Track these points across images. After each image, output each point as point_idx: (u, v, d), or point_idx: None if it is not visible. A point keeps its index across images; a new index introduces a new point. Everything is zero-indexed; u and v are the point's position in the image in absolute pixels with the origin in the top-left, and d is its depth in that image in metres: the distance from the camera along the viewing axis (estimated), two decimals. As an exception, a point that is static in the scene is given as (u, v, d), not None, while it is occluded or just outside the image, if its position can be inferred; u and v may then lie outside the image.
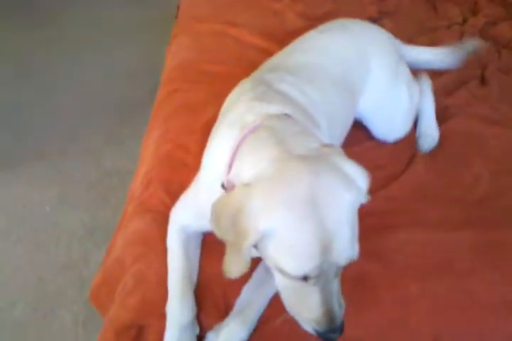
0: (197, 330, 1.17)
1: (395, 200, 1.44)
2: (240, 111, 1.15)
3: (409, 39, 1.98)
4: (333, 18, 1.87)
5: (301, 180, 0.90)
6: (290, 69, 1.41)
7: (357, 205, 0.95)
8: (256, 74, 1.45)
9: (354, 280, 1.22)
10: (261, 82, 1.30)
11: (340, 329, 0.95)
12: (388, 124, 1.66)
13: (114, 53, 3.33)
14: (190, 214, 1.26)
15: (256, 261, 1.16)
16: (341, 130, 1.51)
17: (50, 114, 2.90)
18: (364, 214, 1.34)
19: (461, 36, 2.20)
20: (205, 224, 1.20)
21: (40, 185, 2.43)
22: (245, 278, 1.20)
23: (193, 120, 1.56)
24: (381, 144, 1.66)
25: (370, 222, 1.34)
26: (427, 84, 1.81)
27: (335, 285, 0.95)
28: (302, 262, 0.89)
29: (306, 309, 0.95)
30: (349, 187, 0.93)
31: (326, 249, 0.89)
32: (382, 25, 1.91)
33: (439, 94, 1.87)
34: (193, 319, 1.16)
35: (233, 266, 0.96)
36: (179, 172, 1.37)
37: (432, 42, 2.01)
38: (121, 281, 1.23)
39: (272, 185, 0.91)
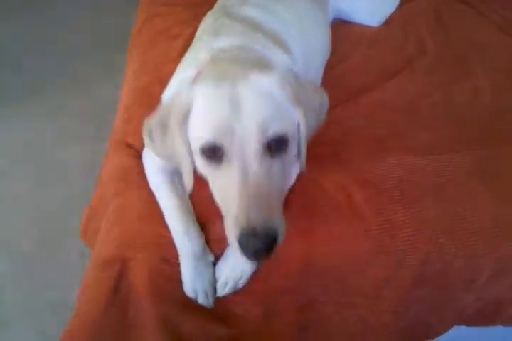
0: (211, 257, 1.17)
1: (385, 123, 1.37)
2: (196, 49, 1.16)
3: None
4: None
5: (225, 71, 0.97)
6: None
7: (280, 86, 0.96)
8: (219, 2, 1.43)
9: (341, 204, 1.20)
10: (223, 13, 1.27)
11: (265, 235, 0.87)
12: (365, 12, 1.73)
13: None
14: None
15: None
16: (324, 38, 1.54)
17: (45, 48, 2.82)
18: (353, 140, 1.33)
19: None
20: None
21: (39, 121, 2.42)
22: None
23: (171, 47, 1.47)
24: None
25: (359, 148, 1.31)
26: None
27: (256, 169, 0.90)
28: (211, 124, 0.91)
29: (230, 202, 0.91)
30: (267, 72, 0.97)
31: (235, 113, 0.90)
32: None
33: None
34: (204, 246, 1.16)
35: (186, 181, 0.99)
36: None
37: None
38: (105, 217, 1.23)
39: (201, 78, 0.99)
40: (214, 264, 1.19)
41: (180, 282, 1.17)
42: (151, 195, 1.20)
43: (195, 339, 1.22)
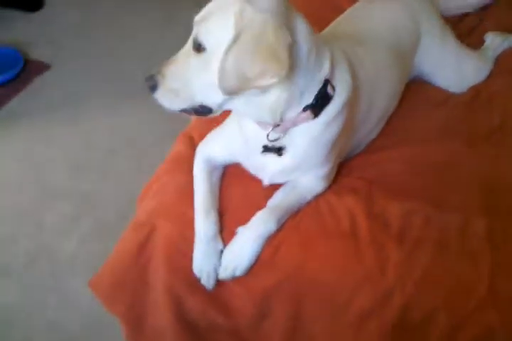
0: (220, 245, 1.32)
1: (420, 175, 1.48)
2: None
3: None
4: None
5: None
6: (340, 35, 1.51)
7: None
8: None
9: (346, 229, 1.32)
10: None
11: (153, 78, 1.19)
12: (449, 79, 1.79)
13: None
14: (218, 145, 1.45)
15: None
16: (393, 89, 1.62)
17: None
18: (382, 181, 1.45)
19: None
20: (229, 156, 1.44)
21: (156, 118, 2.68)
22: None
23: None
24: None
25: (384, 189, 1.43)
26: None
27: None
28: None
29: None
30: None
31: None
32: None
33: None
34: (217, 232, 1.33)
35: None
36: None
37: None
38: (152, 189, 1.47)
39: None
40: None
41: (191, 260, 1.34)
42: (191, 180, 1.41)
43: (198, 321, 1.38)
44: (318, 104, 1.22)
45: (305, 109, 1.22)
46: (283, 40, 1.04)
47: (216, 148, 1.44)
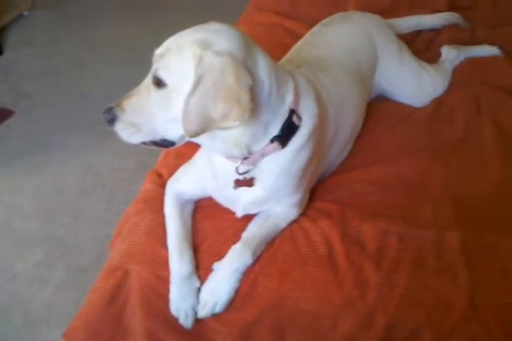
0: (197, 283, 1.29)
1: (389, 192, 1.48)
2: None
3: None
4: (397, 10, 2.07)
5: None
6: (302, 62, 1.51)
7: None
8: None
9: (322, 255, 1.30)
10: None
11: (109, 110, 1.19)
12: (409, 94, 1.82)
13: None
14: (188, 180, 1.43)
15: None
16: (357, 112, 1.63)
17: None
18: (354, 203, 1.44)
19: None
20: (200, 190, 1.43)
21: (124, 155, 2.67)
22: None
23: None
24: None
25: (357, 211, 1.42)
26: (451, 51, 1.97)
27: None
28: None
29: None
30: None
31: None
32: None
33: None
34: (192, 271, 1.29)
35: None
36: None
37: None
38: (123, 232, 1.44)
39: None
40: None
41: (168, 300, 1.29)
42: (162, 218, 1.39)
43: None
44: (285, 135, 1.22)
45: (272, 140, 1.22)
46: (243, 83, 1.06)
47: (186, 183, 1.43)
